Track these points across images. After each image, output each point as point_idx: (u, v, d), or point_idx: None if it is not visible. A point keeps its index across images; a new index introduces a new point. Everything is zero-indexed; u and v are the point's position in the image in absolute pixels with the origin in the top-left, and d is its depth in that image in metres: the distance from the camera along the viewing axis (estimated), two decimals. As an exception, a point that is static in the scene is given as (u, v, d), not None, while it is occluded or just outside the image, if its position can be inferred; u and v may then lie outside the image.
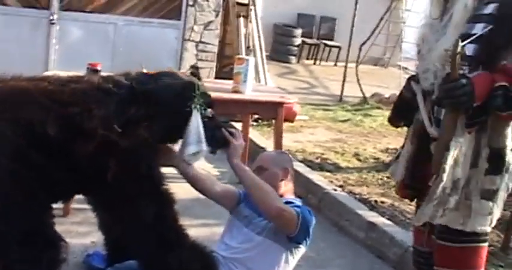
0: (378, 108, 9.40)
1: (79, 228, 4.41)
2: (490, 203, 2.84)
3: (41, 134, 2.83)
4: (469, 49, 2.71)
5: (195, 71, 3.28)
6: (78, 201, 4.72)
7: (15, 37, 6.55)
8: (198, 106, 3.13)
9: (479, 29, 2.74)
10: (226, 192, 3.64)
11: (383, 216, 4.88)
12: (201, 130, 3.14)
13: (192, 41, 7.21)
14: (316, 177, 5.73)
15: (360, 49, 10.00)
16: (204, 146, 3.16)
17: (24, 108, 2.87)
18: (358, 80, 9.89)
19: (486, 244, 2.95)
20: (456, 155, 2.76)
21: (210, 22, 7.22)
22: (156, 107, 3.06)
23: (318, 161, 6.37)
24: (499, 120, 2.76)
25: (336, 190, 5.39)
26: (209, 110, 3.25)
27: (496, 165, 2.81)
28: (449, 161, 2.76)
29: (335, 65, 13.45)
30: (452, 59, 2.62)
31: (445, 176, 2.78)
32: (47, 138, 2.84)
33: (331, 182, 5.66)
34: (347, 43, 10.30)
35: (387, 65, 14.67)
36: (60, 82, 3.04)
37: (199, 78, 3.27)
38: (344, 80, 10.20)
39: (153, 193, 3.12)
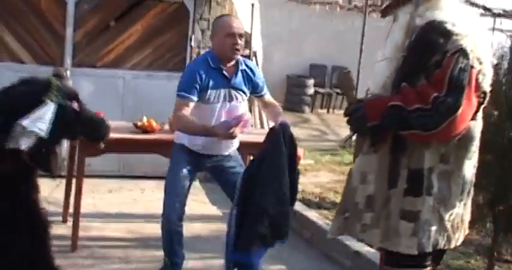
0: (385, 151, 9.60)
1: (85, 261, 4.80)
2: (412, 224, 2.86)
3: None
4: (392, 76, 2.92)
5: (58, 72, 3.48)
6: (85, 239, 5.16)
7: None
8: (52, 99, 3.26)
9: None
10: None
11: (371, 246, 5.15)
12: (46, 116, 3.21)
13: (197, 92, 7.56)
14: (312, 214, 6.04)
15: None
16: (39, 130, 3.20)
17: None
18: (365, 126, 10.18)
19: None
20: (363, 171, 2.95)
21: (213, 74, 7.57)
22: (17, 117, 3.21)
23: (317, 200, 6.65)
24: (416, 141, 2.82)
25: (328, 224, 5.70)
26: (72, 102, 3.39)
27: (415, 186, 2.86)
28: (355, 175, 2.98)
29: (348, 112, 13.69)
30: (342, 87, 3.00)
31: (350, 189, 2.99)
32: None
33: (326, 218, 5.97)
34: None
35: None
36: None
37: (61, 78, 3.48)
38: (352, 126, 10.47)
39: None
